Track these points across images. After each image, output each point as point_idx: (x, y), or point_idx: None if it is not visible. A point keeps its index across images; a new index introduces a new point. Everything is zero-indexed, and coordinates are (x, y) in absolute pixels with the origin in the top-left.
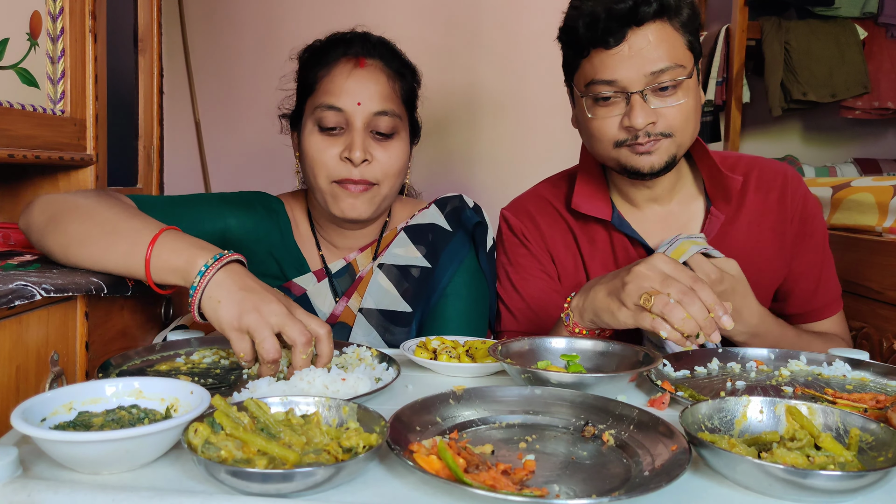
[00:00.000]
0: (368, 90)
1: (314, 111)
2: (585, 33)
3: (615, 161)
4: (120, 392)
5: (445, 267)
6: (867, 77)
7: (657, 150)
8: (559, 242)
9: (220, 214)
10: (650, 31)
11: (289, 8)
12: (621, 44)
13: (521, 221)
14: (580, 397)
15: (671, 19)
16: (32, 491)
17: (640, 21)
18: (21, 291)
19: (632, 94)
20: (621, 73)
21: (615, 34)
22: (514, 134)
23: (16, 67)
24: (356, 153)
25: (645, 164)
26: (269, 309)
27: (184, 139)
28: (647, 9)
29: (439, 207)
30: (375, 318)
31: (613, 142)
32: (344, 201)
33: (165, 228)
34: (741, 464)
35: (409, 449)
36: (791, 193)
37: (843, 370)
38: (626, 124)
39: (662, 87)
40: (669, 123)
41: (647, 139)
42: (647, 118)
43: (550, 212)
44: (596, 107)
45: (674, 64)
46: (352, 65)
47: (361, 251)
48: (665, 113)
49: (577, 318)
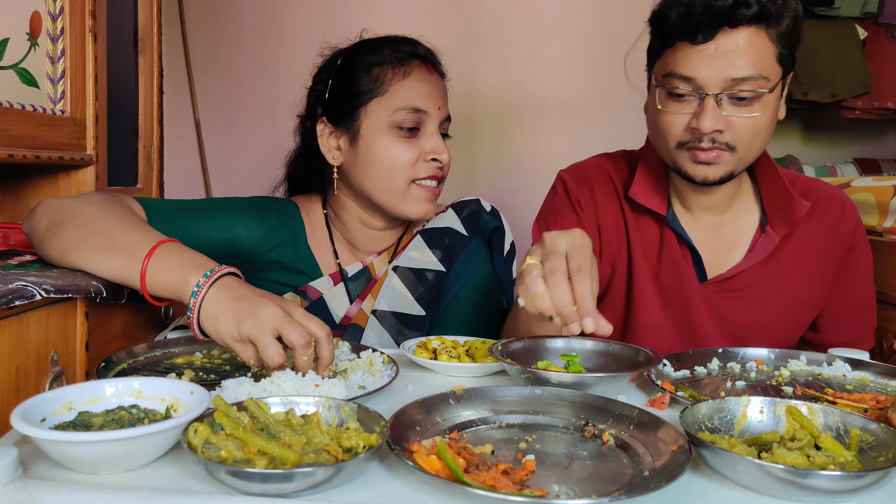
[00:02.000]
0: (441, 95)
1: (394, 112)
2: (676, 23)
3: (673, 161)
4: (120, 392)
5: (459, 272)
6: (868, 77)
7: (717, 163)
8: (611, 220)
9: (229, 224)
10: (742, 35)
11: (289, 8)
12: (709, 42)
13: (579, 188)
14: (580, 397)
15: (768, 27)
16: (32, 491)
17: (734, 23)
18: (21, 291)
19: (706, 96)
20: (701, 71)
21: (706, 30)
22: (514, 136)
23: (16, 67)
24: (444, 155)
25: (699, 174)
26: (265, 314)
27: (184, 139)
28: (745, 11)
29: (456, 211)
30: (389, 321)
31: (677, 141)
32: (421, 204)
33: (161, 242)
34: (741, 464)
35: (409, 449)
36: (846, 222)
37: (843, 370)
38: (692, 125)
39: (740, 97)
40: (737, 136)
41: (710, 146)
42: (715, 124)
43: (609, 188)
44: (668, 100)
45: (758, 74)
46: (425, 69)
47: (379, 254)
48: (735, 123)
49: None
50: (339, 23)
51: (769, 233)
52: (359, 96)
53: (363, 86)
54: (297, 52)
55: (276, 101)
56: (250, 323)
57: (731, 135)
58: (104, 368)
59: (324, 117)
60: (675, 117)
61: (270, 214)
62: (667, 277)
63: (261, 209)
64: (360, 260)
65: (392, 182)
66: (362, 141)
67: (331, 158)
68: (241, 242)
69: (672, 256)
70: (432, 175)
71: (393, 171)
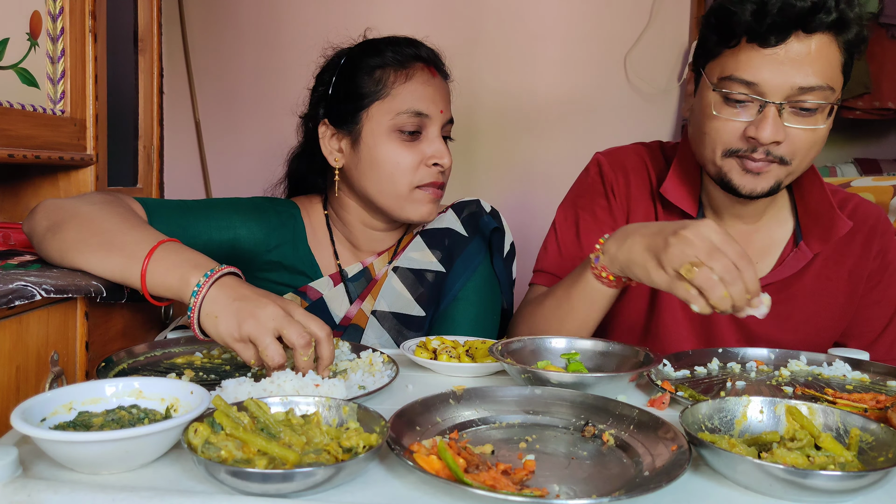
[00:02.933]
0: (444, 98)
1: (395, 116)
2: (748, 21)
3: (717, 169)
4: (120, 392)
5: (459, 273)
6: (868, 77)
7: (766, 175)
8: (641, 210)
9: (230, 225)
10: (814, 42)
11: (289, 8)
12: (780, 45)
13: (614, 173)
14: (580, 397)
15: (838, 35)
16: (32, 491)
17: (811, 28)
18: (21, 291)
19: (768, 104)
20: (766, 76)
21: (780, 33)
22: (514, 137)
23: (16, 67)
24: (445, 160)
25: (747, 185)
26: (265, 314)
27: (184, 139)
28: (825, 17)
29: (456, 212)
30: (389, 322)
31: (727, 149)
32: (424, 206)
33: (161, 242)
34: (741, 464)
35: (409, 449)
36: (879, 236)
37: (843, 370)
38: (749, 134)
39: (804, 108)
40: (794, 149)
41: (763, 157)
42: (776, 135)
43: (644, 179)
44: (724, 105)
45: (825, 84)
46: (428, 72)
47: (379, 255)
48: (794, 136)
49: (606, 262)
50: (339, 23)
51: (802, 248)
52: (360, 99)
53: (365, 88)
54: (297, 52)
55: (277, 101)
56: (251, 323)
57: (788, 148)
58: (104, 368)
59: (326, 119)
60: (730, 124)
61: (271, 215)
62: None
63: (261, 209)
64: (361, 260)
65: (394, 186)
66: (364, 144)
67: (332, 160)
68: (241, 243)
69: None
70: (434, 181)
71: (395, 176)
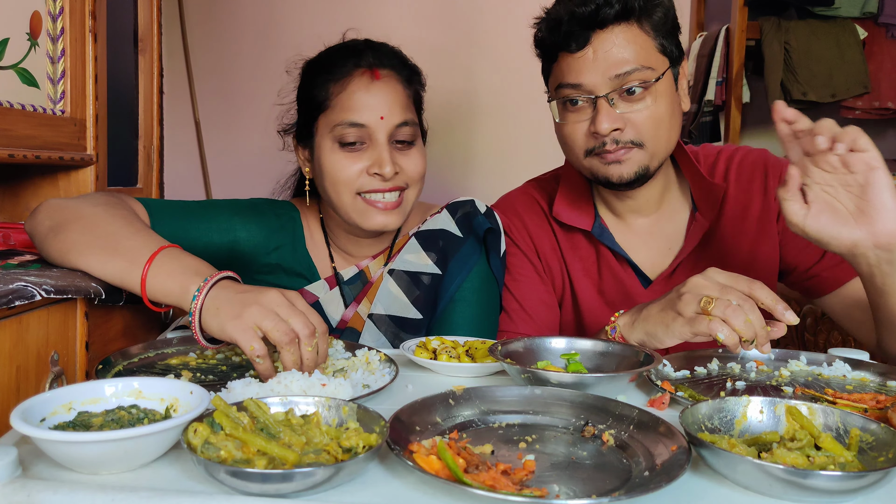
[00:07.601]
0: (388, 103)
1: (333, 128)
2: (550, 38)
3: (588, 171)
4: (119, 392)
5: (454, 274)
6: (867, 77)
7: (627, 160)
8: (546, 244)
9: (229, 227)
10: (615, 34)
11: (289, 8)
12: (585, 47)
13: (508, 220)
14: (580, 397)
15: (640, 21)
16: (32, 491)
17: (602, 24)
18: (21, 291)
19: (598, 99)
20: (586, 76)
21: (578, 38)
22: (513, 136)
23: (16, 67)
24: (386, 168)
25: (614, 174)
26: (268, 299)
27: (184, 139)
28: (608, 11)
29: (450, 213)
30: (385, 325)
31: (584, 150)
32: (374, 218)
33: (162, 248)
34: (741, 464)
35: (409, 449)
36: (772, 177)
37: (843, 370)
38: (592, 130)
39: (629, 91)
40: (639, 131)
41: (615, 147)
42: (612, 123)
43: (538, 212)
44: (565, 112)
45: (641, 66)
46: (367, 77)
47: (374, 258)
48: (633, 119)
49: (623, 334)
50: (338, 23)
51: (698, 219)
52: (311, 111)
53: (314, 101)
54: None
55: (276, 103)
56: (254, 308)
57: (633, 131)
58: (102, 370)
59: (294, 131)
60: (575, 126)
61: (270, 217)
62: (611, 290)
63: (261, 212)
64: (356, 263)
65: (339, 196)
66: (315, 156)
67: (305, 171)
68: (241, 245)
69: (611, 269)
70: (376, 188)
71: (338, 186)
